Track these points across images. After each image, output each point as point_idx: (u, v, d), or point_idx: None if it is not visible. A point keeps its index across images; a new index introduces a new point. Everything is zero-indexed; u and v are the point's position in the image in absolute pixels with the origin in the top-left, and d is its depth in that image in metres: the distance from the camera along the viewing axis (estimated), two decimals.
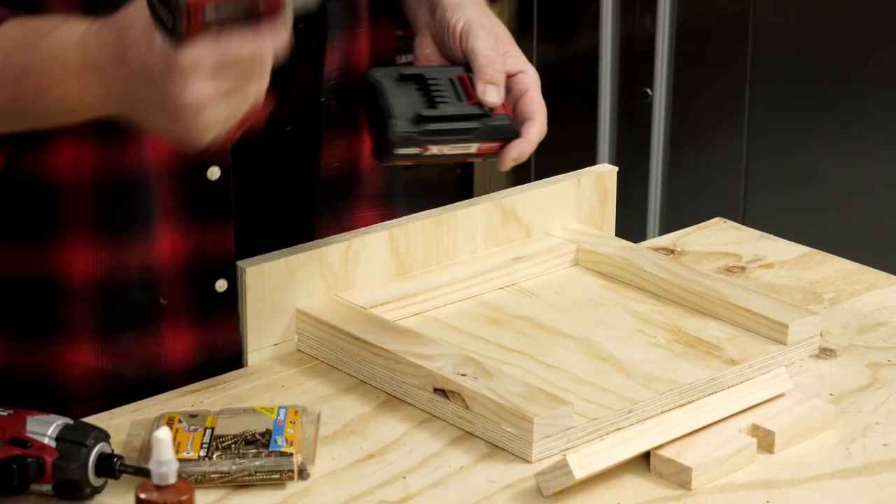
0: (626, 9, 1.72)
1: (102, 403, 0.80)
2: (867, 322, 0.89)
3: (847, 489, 0.72)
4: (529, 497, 0.70)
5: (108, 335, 0.80)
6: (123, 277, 0.79)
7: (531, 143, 0.80)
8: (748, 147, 1.69)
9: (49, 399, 0.79)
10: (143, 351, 0.81)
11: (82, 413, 0.78)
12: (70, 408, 0.78)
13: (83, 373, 0.80)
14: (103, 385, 0.81)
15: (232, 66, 0.65)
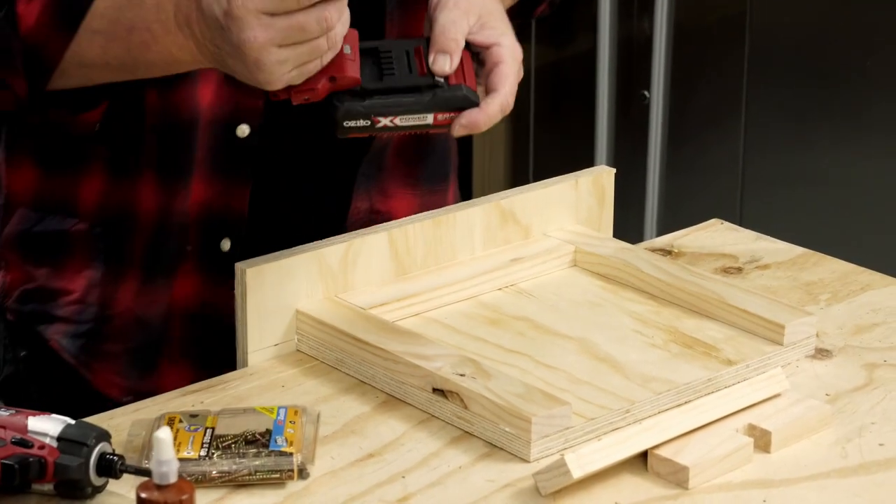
0: (624, 11, 1.73)
1: (128, 347, 0.86)
2: (863, 323, 0.89)
3: (843, 489, 0.72)
4: (528, 496, 0.71)
5: (148, 276, 0.86)
6: (170, 220, 0.84)
7: (487, 115, 0.80)
8: (745, 148, 1.70)
9: (98, 330, 0.86)
10: (165, 295, 0.86)
11: (113, 351, 0.84)
12: (104, 344, 0.86)
13: (123, 310, 0.86)
14: (133, 327, 0.86)
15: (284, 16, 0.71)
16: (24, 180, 0.87)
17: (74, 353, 0.88)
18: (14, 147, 0.88)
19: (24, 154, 0.87)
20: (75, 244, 0.87)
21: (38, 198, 0.87)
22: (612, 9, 1.73)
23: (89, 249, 0.87)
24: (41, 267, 0.88)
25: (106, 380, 0.88)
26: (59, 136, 0.85)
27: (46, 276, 0.88)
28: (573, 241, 0.94)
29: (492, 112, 0.80)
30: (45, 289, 0.88)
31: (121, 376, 0.88)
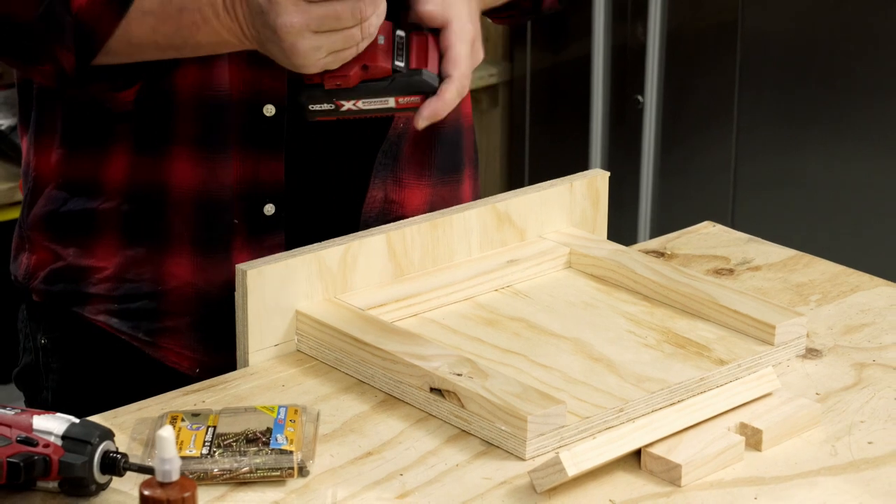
0: (618, 17, 1.74)
1: (193, 319, 0.87)
2: (852, 323, 0.90)
3: (833, 486, 0.73)
4: (523, 494, 0.71)
5: (203, 251, 0.87)
6: (212, 196, 0.86)
7: (445, 102, 0.82)
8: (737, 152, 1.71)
9: (152, 309, 0.87)
10: (225, 269, 0.87)
11: (175, 325, 0.86)
12: (163, 319, 0.87)
13: (179, 285, 0.87)
14: (196, 302, 0.88)
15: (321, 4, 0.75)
16: (50, 162, 0.88)
17: (131, 332, 0.88)
18: (42, 130, 0.88)
19: (51, 136, 0.88)
20: (103, 222, 0.87)
21: (63, 178, 0.88)
22: (606, 15, 1.75)
23: (119, 227, 0.87)
24: (69, 246, 0.88)
25: (176, 354, 0.88)
26: (86, 116, 0.86)
27: (74, 254, 0.88)
28: (568, 243, 0.95)
29: (448, 98, 0.82)
30: (73, 267, 0.88)
31: (190, 349, 0.88)
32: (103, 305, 0.88)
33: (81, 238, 0.88)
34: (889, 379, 0.84)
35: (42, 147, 0.89)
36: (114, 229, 0.88)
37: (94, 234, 0.88)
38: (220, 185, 0.87)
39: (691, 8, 1.71)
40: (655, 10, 1.70)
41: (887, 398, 0.81)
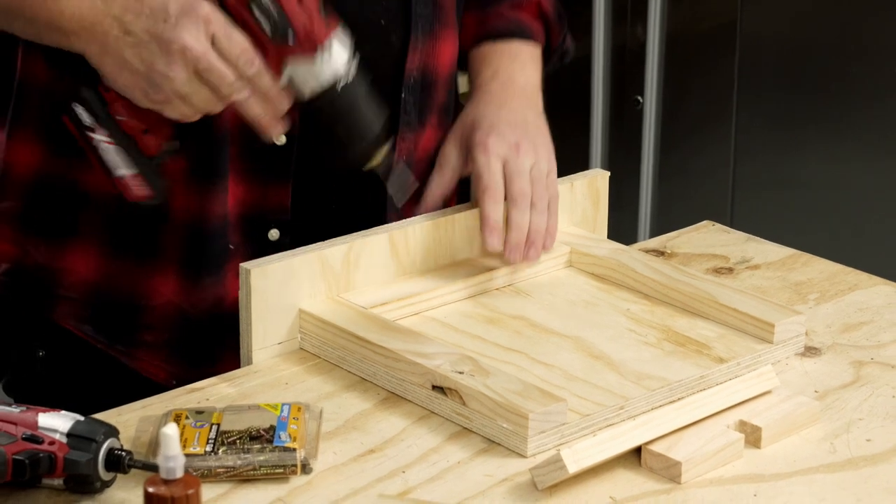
0: (618, 18, 1.75)
1: (174, 336, 0.86)
2: (851, 321, 0.91)
3: (831, 483, 0.73)
4: (524, 491, 0.72)
5: (189, 273, 0.86)
6: (207, 222, 0.85)
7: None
8: (736, 152, 1.71)
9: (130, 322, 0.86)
10: (213, 292, 0.87)
11: (154, 340, 0.85)
12: (143, 333, 0.86)
13: (163, 302, 0.86)
14: (178, 321, 0.87)
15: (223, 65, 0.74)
16: (27, 155, 0.86)
17: (105, 342, 0.87)
18: (20, 121, 0.85)
19: (31, 129, 0.85)
20: (83, 228, 0.85)
21: (42, 175, 0.85)
22: (606, 16, 1.75)
23: (100, 236, 0.85)
24: (40, 245, 0.86)
25: (154, 366, 0.88)
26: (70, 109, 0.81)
27: (46, 254, 0.86)
28: (569, 242, 0.96)
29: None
30: (42, 266, 0.87)
31: (168, 363, 0.87)
32: (72, 310, 0.87)
33: (57, 240, 0.86)
34: (887, 377, 0.84)
35: (18, 138, 0.86)
36: (94, 237, 0.86)
37: (72, 239, 0.86)
38: (214, 213, 0.85)
39: (691, 9, 1.71)
40: (655, 11, 1.71)
41: (885, 396, 0.82)
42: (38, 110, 0.85)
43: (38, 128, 0.86)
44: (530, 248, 0.87)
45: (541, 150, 0.88)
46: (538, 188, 0.87)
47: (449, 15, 0.90)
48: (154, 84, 0.76)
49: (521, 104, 0.90)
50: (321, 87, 0.77)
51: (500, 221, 0.86)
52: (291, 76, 0.77)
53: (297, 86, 0.77)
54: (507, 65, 0.91)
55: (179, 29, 0.75)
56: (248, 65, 0.76)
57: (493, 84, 0.90)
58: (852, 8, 1.63)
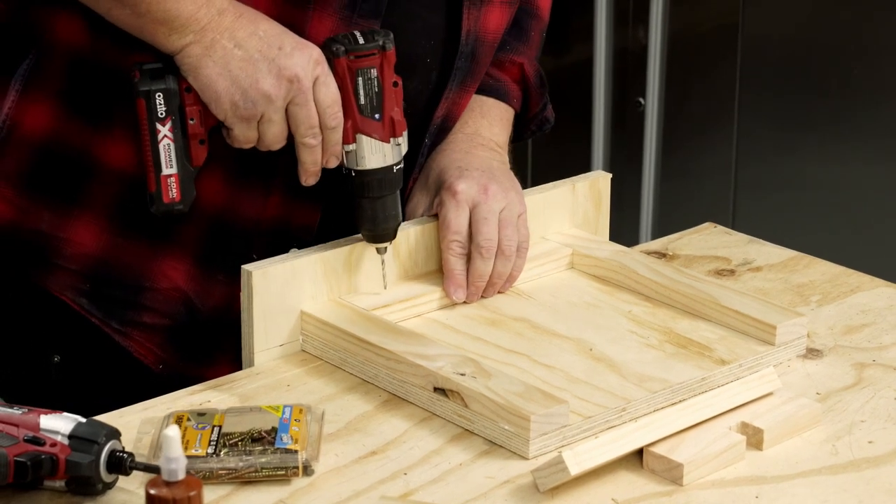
0: (620, 21, 1.75)
1: (174, 323, 0.86)
2: (852, 323, 0.91)
3: (833, 485, 0.73)
4: (526, 492, 0.72)
5: (204, 265, 0.86)
6: (237, 222, 0.85)
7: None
8: (737, 154, 1.71)
9: (131, 301, 0.85)
10: (220, 291, 0.87)
11: (153, 322, 0.85)
12: (142, 314, 0.85)
13: (169, 287, 0.86)
14: (181, 309, 0.86)
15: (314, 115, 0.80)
16: (39, 115, 0.84)
17: (101, 317, 0.86)
18: (36, 79, 0.83)
19: (46, 88, 0.84)
20: (94, 201, 0.84)
21: (54, 139, 0.84)
22: (608, 19, 1.75)
23: (112, 211, 0.84)
24: (44, 209, 0.84)
25: (145, 348, 0.87)
26: (95, 79, 0.83)
27: (49, 220, 0.84)
28: (570, 244, 0.96)
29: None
30: (43, 233, 0.84)
31: (160, 349, 0.87)
32: (70, 281, 0.85)
33: (63, 207, 0.84)
34: (889, 379, 0.84)
35: (31, 97, 0.84)
36: (104, 211, 0.85)
37: (80, 209, 0.84)
38: (245, 214, 0.85)
39: (692, 11, 1.71)
40: (657, 13, 1.71)
41: (887, 398, 0.82)
42: (62, 73, 0.83)
43: (57, 90, 0.83)
44: (489, 289, 0.89)
45: (510, 193, 0.89)
46: (508, 232, 0.88)
47: (482, 72, 0.92)
48: (249, 100, 0.79)
49: (486, 154, 0.91)
50: (382, 164, 0.84)
51: (464, 274, 0.88)
52: (361, 145, 0.83)
53: (361, 156, 0.83)
54: (475, 119, 0.93)
55: (293, 59, 0.79)
56: (331, 118, 0.81)
57: (459, 135, 0.92)
58: (853, 9, 1.63)
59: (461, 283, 0.88)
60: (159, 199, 0.82)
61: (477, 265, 0.88)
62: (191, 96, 0.81)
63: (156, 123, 0.80)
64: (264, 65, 0.79)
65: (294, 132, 0.81)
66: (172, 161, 0.81)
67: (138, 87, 0.80)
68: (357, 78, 0.81)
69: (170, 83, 0.80)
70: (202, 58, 0.79)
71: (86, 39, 0.83)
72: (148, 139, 0.81)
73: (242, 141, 0.81)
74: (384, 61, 0.82)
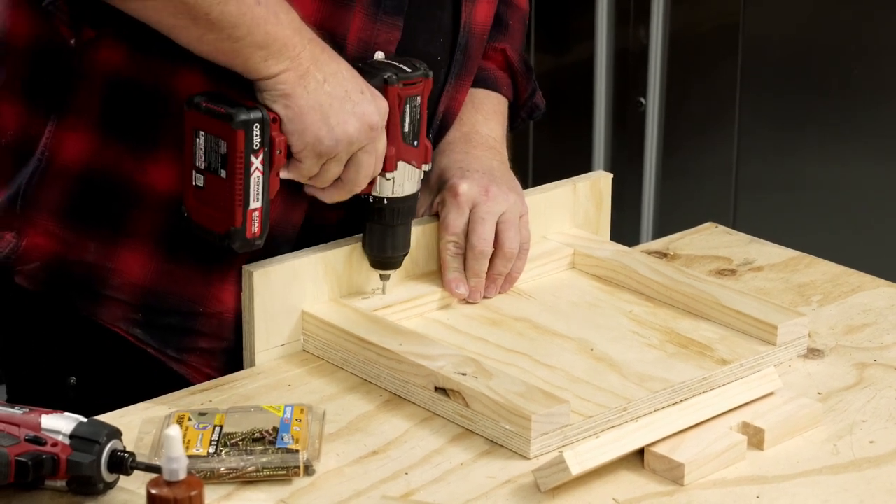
0: (621, 21, 1.75)
1: (230, 344, 0.85)
2: (854, 323, 0.91)
3: (834, 485, 0.73)
4: (527, 492, 0.72)
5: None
6: (283, 231, 0.85)
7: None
8: (738, 154, 1.71)
9: (185, 328, 0.84)
10: None
11: (210, 347, 0.84)
12: (198, 340, 0.84)
13: (222, 310, 0.84)
14: (235, 330, 0.85)
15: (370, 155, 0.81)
16: (77, 143, 0.82)
17: (158, 347, 0.84)
18: (72, 106, 0.81)
19: (83, 116, 0.81)
20: (140, 228, 0.82)
21: (95, 167, 0.81)
22: (609, 18, 1.75)
23: (159, 238, 0.82)
24: (89, 241, 0.82)
25: (204, 375, 0.85)
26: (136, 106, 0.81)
27: (96, 251, 0.82)
28: (572, 243, 0.96)
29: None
30: (89, 264, 0.82)
31: (219, 372, 0.85)
32: (121, 312, 0.84)
33: (108, 237, 0.83)
34: (890, 378, 0.84)
35: (67, 126, 0.82)
36: (150, 238, 0.82)
37: (126, 238, 0.82)
38: (289, 223, 0.85)
39: (693, 11, 1.71)
40: (658, 13, 1.71)
41: (888, 398, 0.82)
42: (99, 99, 0.81)
43: (95, 117, 0.81)
44: (489, 287, 0.89)
45: (511, 195, 0.90)
46: (510, 234, 0.89)
47: (475, 66, 0.92)
48: (333, 138, 0.79)
49: (485, 153, 0.91)
50: (412, 191, 0.85)
51: (460, 272, 0.88)
52: (401, 173, 0.84)
53: (397, 183, 0.84)
54: (470, 115, 0.93)
55: (373, 106, 0.80)
56: (381, 165, 0.82)
57: (457, 134, 0.92)
58: (853, 9, 1.63)
59: (460, 281, 0.88)
60: (242, 235, 0.79)
61: (470, 264, 0.88)
62: (276, 127, 0.78)
63: (250, 155, 0.77)
64: (349, 106, 0.78)
65: (350, 177, 0.81)
66: (259, 194, 0.78)
67: (236, 117, 0.76)
68: (405, 106, 0.82)
69: (263, 112, 0.77)
70: (296, 86, 0.77)
71: (123, 63, 0.81)
72: (241, 172, 0.77)
73: (303, 175, 0.80)
74: (426, 88, 0.83)
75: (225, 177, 0.78)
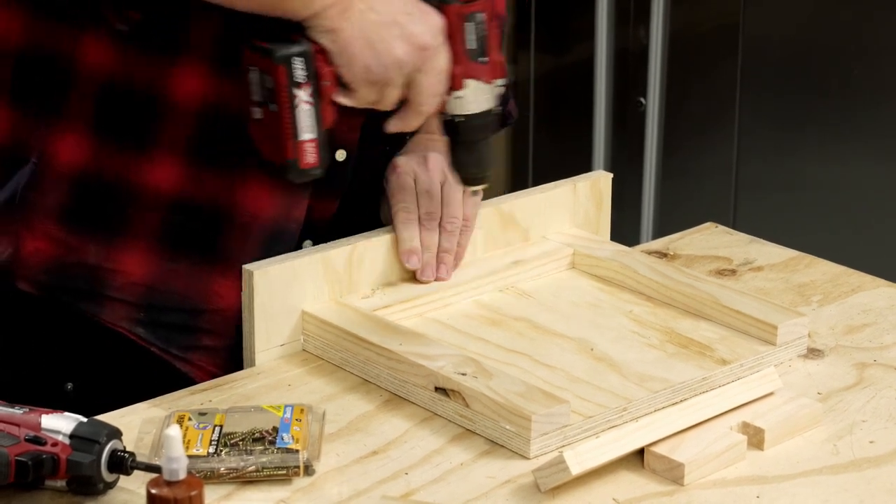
0: (621, 21, 1.75)
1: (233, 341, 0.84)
2: (854, 323, 0.91)
3: (834, 485, 0.73)
4: (527, 492, 0.72)
5: None
6: (284, 226, 0.84)
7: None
8: (738, 154, 1.71)
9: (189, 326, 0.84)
10: None
11: (214, 344, 0.83)
12: (201, 337, 0.84)
13: (224, 307, 0.84)
14: (238, 327, 0.84)
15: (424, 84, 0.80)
16: (71, 146, 0.82)
17: (161, 345, 0.84)
18: (65, 110, 0.81)
19: (75, 118, 0.81)
20: (139, 228, 0.82)
21: (91, 169, 0.82)
22: (609, 18, 1.75)
23: (159, 237, 0.82)
24: (89, 243, 0.82)
25: (207, 373, 0.85)
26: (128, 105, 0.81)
27: (95, 253, 0.82)
28: (572, 243, 0.96)
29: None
30: (90, 265, 0.82)
31: (224, 370, 0.85)
32: (124, 312, 0.84)
33: (108, 238, 0.83)
34: (890, 378, 0.84)
35: (62, 127, 0.81)
36: (151, 238, 0.83)
37: (126, 238, 0.83)
38: (292, 219, 0.84)
39: (693, 11, 1.71)
40: (658, 13, 1.71)
41: (888, 398, 0.82)
42: (91, 100, 0.81)
43: (88, 118, 0.81)
44: (440, 268, 0.88)
45: None
46: (451, 209, 0.88)
47: None
48: (382, 65, 0.78)
49: (427, 136, 0.90)
50: (487, 107, 0.83)
51: (414, 241, 0.87)
52: (469, 90, 0.83)
53: (468, 101, 0.83)
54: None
55: (423, 26, 0.78)
56: (444, 83, 0.81)
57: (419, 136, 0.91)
58: (853, 9, 1.63)
59: (414, 251, 0.87)
60: (296, 166, 0.80)
61: (422, 236, 0.87)
62: (322, 58, 0.79)
63: (293, 89, 0.78)
64: (396, 30, 0.78)
65: (413, 99, 0.80)
66: (311, 126, 0.79)
67: (276, 52, 0.77)
68: (465, 23, 0.81)
69: (306, 46, 0.78)
70: (340, 20, 0.77)
71: (113, 61, 0.81)
72: (288, 106, 0.78)
73: (363, 102, 0.80)
74: (493, 2, 0.82)
75: (275, 110, 0.79)
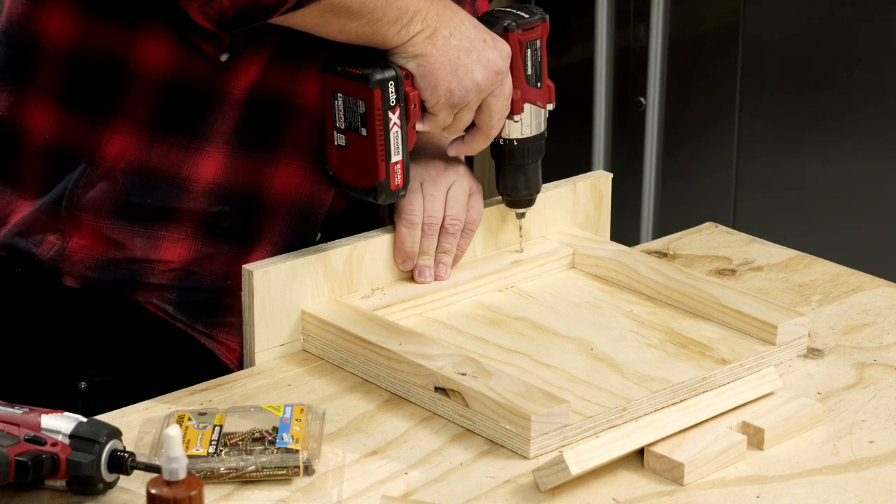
0: (621, 21, 1.75)
1: None
2: (853, 323, 0.91)
3: (834, 485, 0.73)
4: (527, 492, 0.72)
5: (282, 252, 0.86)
6: (313, 207, 0.86)
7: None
8: (738, 154, 1.71)
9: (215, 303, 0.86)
10: None
11: (238, 322, 0.85)
12: (226, 314, 0.86)
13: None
14: None
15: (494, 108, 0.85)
16: (124, 145, 0.83)
17: (187, 322, 0.86)
18: (118, 110, 0.82)
19: (130, 118, 0.83)
20: (184, 220, 0.84)
21: (142, 166, 0.83)
22: (609, 18, 1.75)
23: (199, 225, 0.84)
24: (136, 237, 0.84)
25: (229, 349, 0.86)
26: (185, 106, 0.82)
27: (141, 246, 0.84)
28: (572, 243, 0.96)
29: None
30: (136, 259, 0.84)
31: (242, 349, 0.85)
32: (157, 292, 0.85)
33: (153, 231, 0.84)
34: (890, 378, 0.84)
35: (116, 127, 0.82)
36: (193, 227, 0.84)
37: (170, 230, 0.84)
38: (320, 200, 0.86)
39: (693, 11, 1.71)
40: (658, 13, 1.71)
41: (888, 398, 0.82)
42: (153, 100, 0.82)
43: (143, 115, 0.82)
44: (438, 267, 0.90)
45: (461, 168, 0.91)
46: (454, 211, 0.89)
47: None
48: (463, 88, 0.83)
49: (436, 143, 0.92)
50: (539, 131, 0.89)
51: (414, 246, 0.88)
52: (526, 115, 0.88)
53: (525, 125, 0.89)
54: None
55: (496, 52, 0.83)
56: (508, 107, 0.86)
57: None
58: (853, 9, 1.63)
59: (410, 255, 0.89)
60: (387, 187, 0.84)
61: (422, 241, 0.89)
62: (408, 83, 0.82)
63: (388, 112, 0.82)
64: (475, 55, 0.82)
65: (484, 122, 0.85)
66: (399, 147, 0.83)
67: (373, 77, 0.81)
68: (526, 50, 0.86)
69: (396, 70, 0.82)
70: (426, 45, 0.82)
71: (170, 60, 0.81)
72: (381, 128, 0.82)
73: (439, 126, 0.85)
74: (544, 31, 0.87)
75: (366, 134, 0.83)
